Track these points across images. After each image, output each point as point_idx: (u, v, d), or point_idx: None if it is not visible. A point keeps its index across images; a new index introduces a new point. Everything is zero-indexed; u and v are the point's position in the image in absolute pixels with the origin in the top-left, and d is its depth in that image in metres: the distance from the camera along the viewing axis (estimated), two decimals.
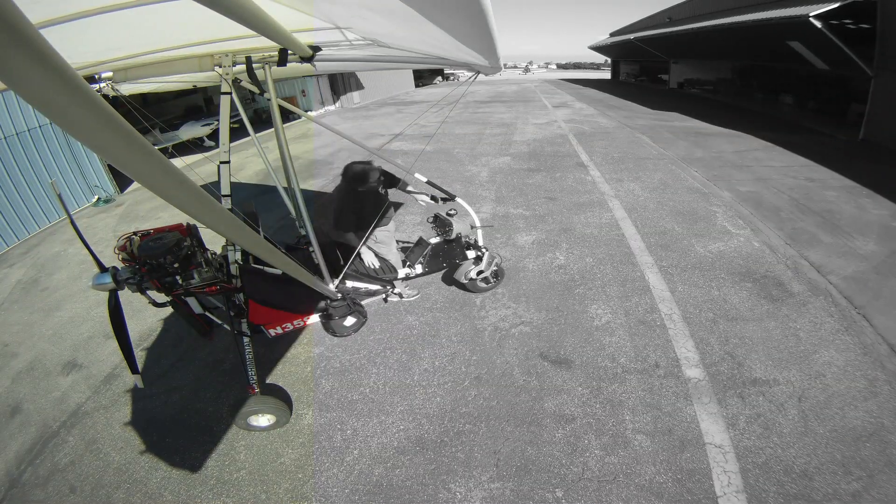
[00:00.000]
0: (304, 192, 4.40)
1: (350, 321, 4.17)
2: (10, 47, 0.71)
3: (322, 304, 4.08)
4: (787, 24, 14.70)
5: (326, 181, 10.79)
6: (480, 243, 5.02)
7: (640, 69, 44.55)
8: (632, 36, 33.74)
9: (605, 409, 3.72)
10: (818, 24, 13.42)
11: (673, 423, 3.57)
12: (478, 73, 3.47)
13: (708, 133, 15.47)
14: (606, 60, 57.36)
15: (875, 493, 2.96)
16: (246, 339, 3.57)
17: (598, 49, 47.36)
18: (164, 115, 16.30)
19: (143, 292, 3.27)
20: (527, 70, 65.50)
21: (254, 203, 5.34)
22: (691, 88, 32.02)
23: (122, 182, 11.38)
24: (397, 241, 4.91)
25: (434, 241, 4.99)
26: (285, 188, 4.83)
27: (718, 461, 3.24)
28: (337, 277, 4.13)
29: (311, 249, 4.10)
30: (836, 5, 13.00)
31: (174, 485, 3.32)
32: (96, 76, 3.67)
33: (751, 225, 7.19)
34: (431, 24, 2.17)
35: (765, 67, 23.95)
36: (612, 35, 43.03)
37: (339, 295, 4.12)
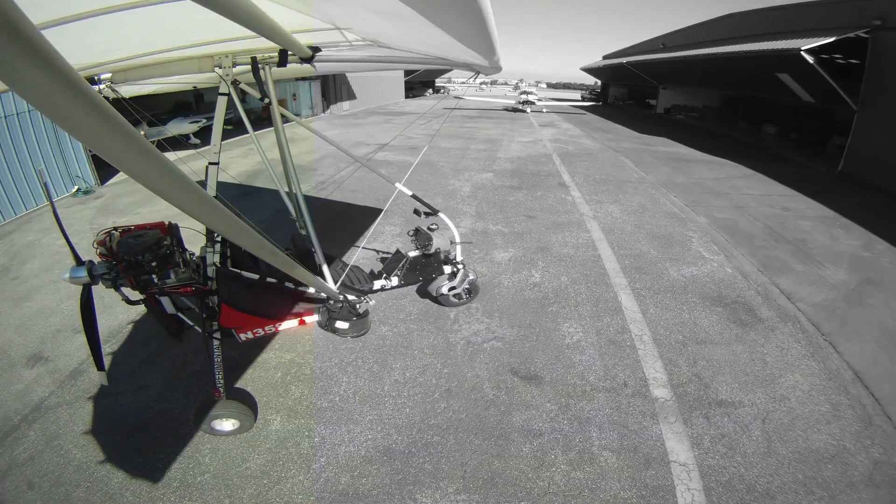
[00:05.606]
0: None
1: (347, 325, 4.20)
2: (12, 49, 0.71)
3: (299, 307, 4.06)
4: (778, 56, 15.24)
5: (308, 187, 10.74)
6: (458, 259, 5.05)
7: (629, 93, 45.49)
8: (624, 60, 34.38)
9: (573, 426, 3.76)
10: (809, 58, 13.94)
11: (639, 440, 3.62)
12: (477, 72, 3.52)
13: (690, 159, 15.83)
14: (597, 82, 58.32)
15: None
16: (216, 342, 3.53)
17: (590, 71, 48.14)
18: (153, 110, 16.10)
19: (117, 289, 3.23)
20: (525, 99, 35.34)
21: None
22: (677, 114, 32.78)
23: (103, 174, 11.18)
24: (377, 251, 4.90)
25: (412, 254, 5.01)
26: (287, 191, 4.83)
27: (683, 479, 3.30)
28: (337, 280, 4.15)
29: (312, 250, 4.15)
30: (831, 39, 13.51)
31: (136, 486, 3.26)
32: (96, 77, 3.64)
33: (725, 251, 7.36)
34: (431, 24, 2.21)
35: (750, 97, 24.63)
36: (605, 58, 43.79)
37: (342, 296, 4.13)
